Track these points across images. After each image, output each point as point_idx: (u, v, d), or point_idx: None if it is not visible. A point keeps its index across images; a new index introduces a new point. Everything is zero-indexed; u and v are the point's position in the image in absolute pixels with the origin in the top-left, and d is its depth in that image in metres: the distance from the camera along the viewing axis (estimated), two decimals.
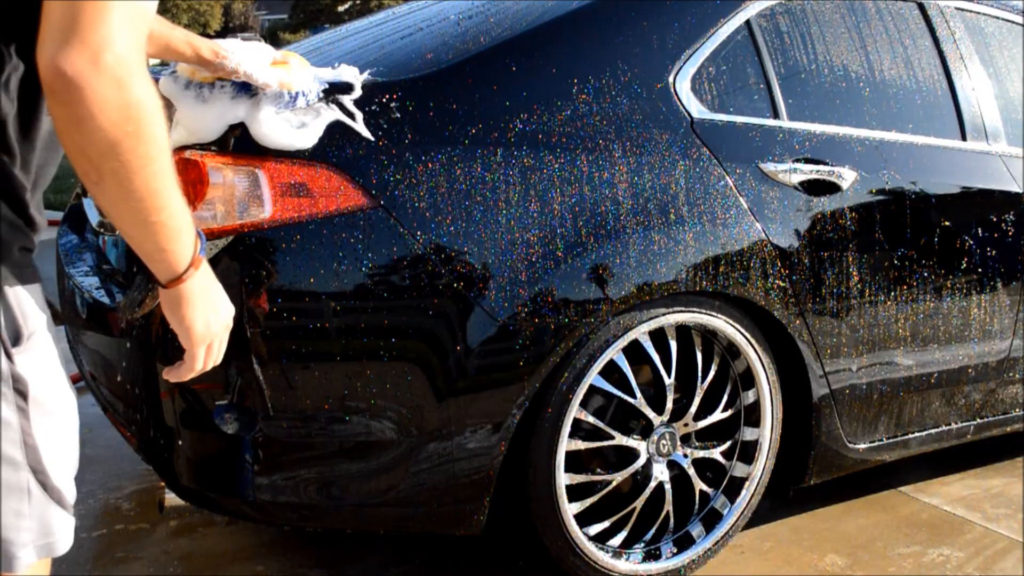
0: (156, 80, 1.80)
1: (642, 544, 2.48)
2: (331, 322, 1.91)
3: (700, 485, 2.54)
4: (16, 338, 1.23)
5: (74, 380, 2.55)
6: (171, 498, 2.10)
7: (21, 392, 1.23)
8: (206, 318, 1.33)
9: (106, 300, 2.24)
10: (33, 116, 1.23)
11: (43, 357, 1.27)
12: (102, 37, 1.08)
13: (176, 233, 1.23)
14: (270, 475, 1.96)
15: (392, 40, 2.59)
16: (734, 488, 2.60)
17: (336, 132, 1.95)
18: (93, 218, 2.62)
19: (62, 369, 1.31)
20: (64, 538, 1.31)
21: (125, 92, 1.11)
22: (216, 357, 1.39)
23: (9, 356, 1.22)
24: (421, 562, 2.59)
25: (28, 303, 1.25)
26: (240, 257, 1.89)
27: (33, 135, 1.25)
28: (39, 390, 1.25)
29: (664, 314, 2.29)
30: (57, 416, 1.29)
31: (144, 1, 1.14)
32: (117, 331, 2.12)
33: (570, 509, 2.31)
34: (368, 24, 2.95)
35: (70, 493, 1.32)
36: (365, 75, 2.07)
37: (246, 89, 1.90)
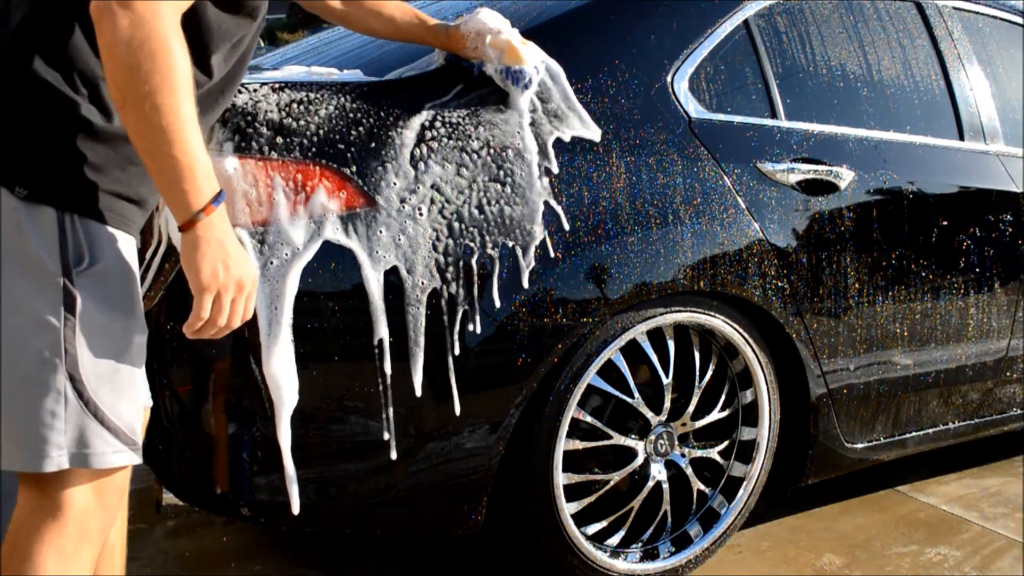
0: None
1: (640, 544, 2.48)
2: (329, 322, 1.91)
3: (698, 485, 2.54)
4: (78, 260, 1.39)
5: None
6: (169, 498, 2.10)
7: (69, 305, 1.38)
8: (214, 267, 1.40)
9: None
10: None
11: (106, 290, 1.42)
12: None
13: (188, 173, 1.35)
14: (268, 475, 1.96)
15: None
16: (732, 488, 2.60)
17: (335, 131, 1.95)
18: None
19: (138, 317, 1.47)
20: (102, 457, 1.43)
21: (144, 29, 1.29)
22: (227, 316, 1.44)
23: (68, 273, 1.38)
24: (419, 563, 2.59)
25: (102, 239, 1.42)
26: None
27: None
28: (92, 312, 1.40)
29: (662, 314, 2.30)
30: (108, 343, 1.42)
31: None
32: None
33: (568, 509, 2.31)
34: None
35: (119, 420, 1.44)
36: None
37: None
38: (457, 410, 2.05)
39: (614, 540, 2.44)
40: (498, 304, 2.05)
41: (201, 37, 1.48)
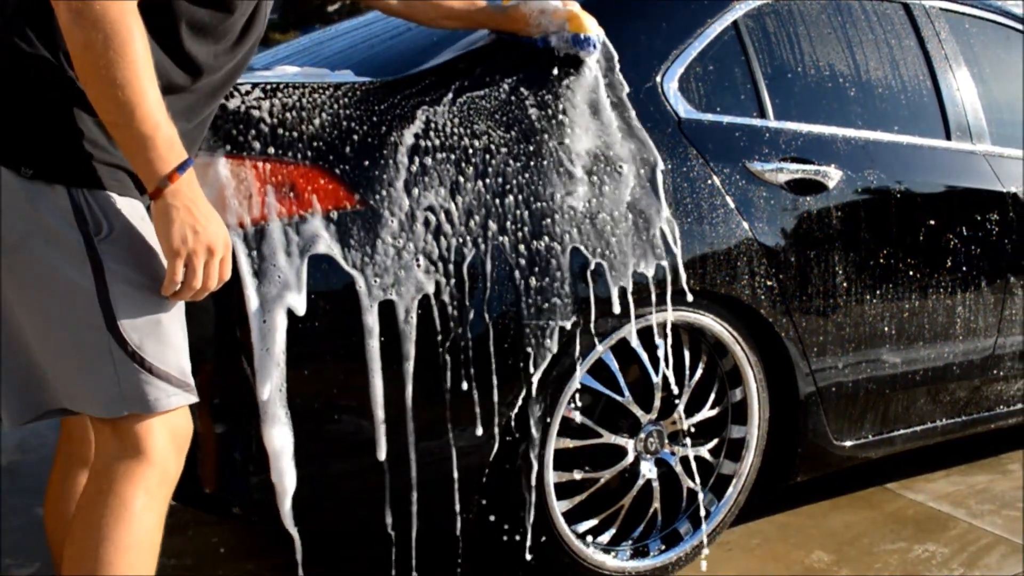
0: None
1: (630, 541, 2.50)
2: (320, 321, 1.92)
3: (688, 483, 2.55)
4: (97, 230, 1.48)
5: None
6: None
7: (98, 271, 1.47)
8: (183, 232, 1.46)
9: None
10: None
11: (129, 252, 1.50)
12: None
13: (150, 143, 1.42)
14: (260, 474, 1.97)
15: (382, 40, 2.60)
16: (721, 485, 2.61)
17: (324, 129, 1.96)
18: None
19: (158, 264, 1.53)
20: (157, 402, 1.53)
21: (97, 7, 1.34)
22: (200, 279, 1.50)
23: (90, 242, 1.47)
24: (412, 562, 2.59)
25: (114, 207, 1.50)
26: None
27: None
28: (121, 274, 1.49)
29: (652, 313, 2.31)
30: (143, 299, 1.51)
31: None
32: None
33: (559, 507, 2.32)
34: (358, 24, 2.96)
35: (167, 366, 1.54)
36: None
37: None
38: (448, 410, 2.06)
39: (604, 538, 2.46)
40: (489, 304, 2.06)
41: (174, 28, 1.54)
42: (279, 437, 1.89)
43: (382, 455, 2.01)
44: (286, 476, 1.91)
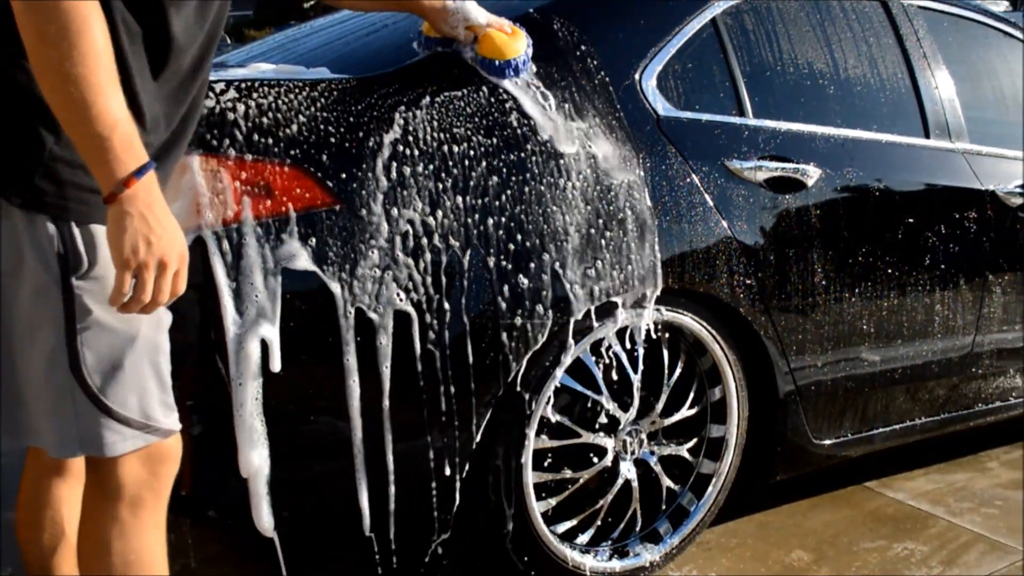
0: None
1: (610, 542, 2.49)
2: (295, 321, 1.90)
3: (667, 482, 2.54)
4: (77, 266, 1.41)
5: None
6: None
7: (70, 310, 1.42)
8: (134, 242, 1.36)
9: None
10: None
11: (107, 290, 1.42)
12: None
13: (106, 144, 1.32)
14: (236, 477, 1.94)
15: (357, 37, 2.58)
16: (701, 485, 2.60)
17: (300, 129, 1.93)
18: None
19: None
20: (113, 446, 1.50)
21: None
22: (150, 293, 1.40)
23: (66, 279, 1.41)
24: (394, 565, 2.57)
25: (99, 239, 1.42)
26: (202, 256, 1.86)
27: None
28: (92, 314, 1.43)
29: (630, 311, 2.29)
30: (110, 341, 1.46)
31: None
32: None
33: (538, 508, 2.31)
34: (333, 21, 2.93)
35: (126, 410, 1.49)
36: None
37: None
38: (426, 411, 2.04)
39: (584, 538, 2.44)
40: (466, 305, 2.04)
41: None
42: (254, 441, 1.87)
43: (359, 456, 1.99)
44: (262, 479, 1.89)
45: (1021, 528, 2.89)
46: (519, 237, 2.09)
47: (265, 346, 1.86)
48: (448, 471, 2.11)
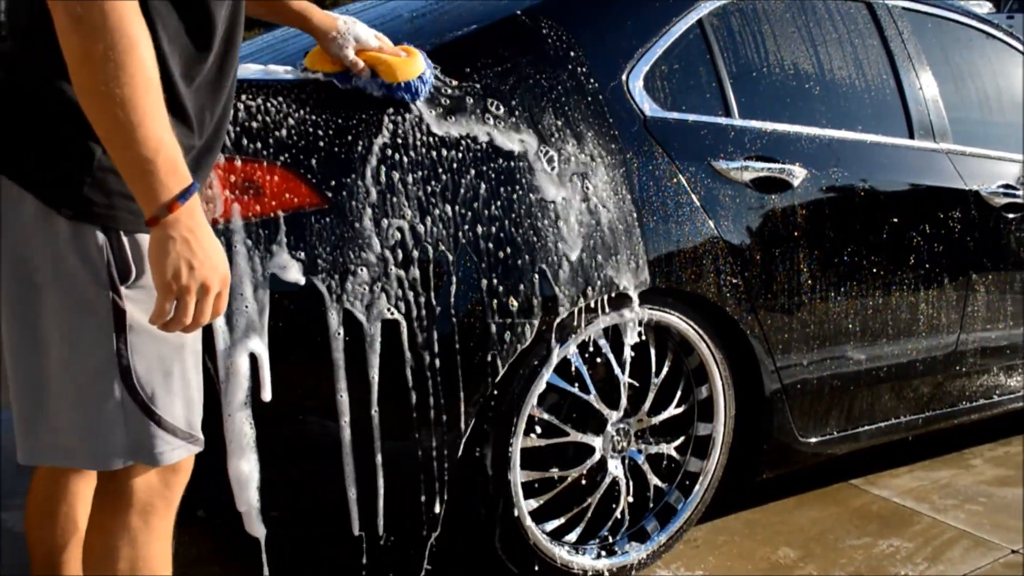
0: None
1: (598, 540, 2.50)
2: (284, 321, 1.90)
3: (655, 480, 2.56)
4: (125, 276, 1.41)
5: None
6: None
7: (119, 320, 1.41)
8: (176, 266, 1.33)
9: None
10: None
11: (153, 292, 1.38)
12: None
13: (150, 168, 1.29)
14: (224, 476, 1.94)
15: None
16: (688, 483, 2.62)
17: (288, 130, 1.94)
18: None
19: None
20: (162, 456, 1.49)
21: (97, 13, 1.22)
22: (192, 316, 1.38)
23: (116, 289, 1.40)
24: (383, 564, 2.58)
25: (141, 248, 1.42)
26: None
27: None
28: (142, 323, 1.42)
29: (617, 311, 2.31)
30: (159, 350, 1.46)
31: None
32: None
33: (526, 506, 2.32)
34: None
35: (175, 419, 1.50)
36: None
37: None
38: (414, 410, 2.05)
39: (572, 536, 2.46)
40: (454, 304, 2.05)
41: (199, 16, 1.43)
42: (242, 441, 1.87)
43: (347, 456, 2.00)
44: (250, 480, 1.89)
45: (1005, 525, 2.92)
46: (504, 237, 2.10)
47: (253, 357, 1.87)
48: (436, 470, 2.12)
